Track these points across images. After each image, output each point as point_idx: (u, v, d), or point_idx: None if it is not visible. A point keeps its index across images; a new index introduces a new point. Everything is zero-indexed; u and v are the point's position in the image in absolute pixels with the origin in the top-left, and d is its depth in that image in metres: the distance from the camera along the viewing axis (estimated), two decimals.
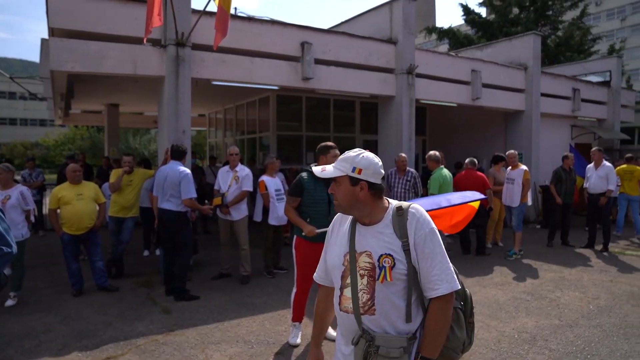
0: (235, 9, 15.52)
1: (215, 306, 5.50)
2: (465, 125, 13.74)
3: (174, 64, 6.95)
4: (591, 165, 8.97)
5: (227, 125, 15.02)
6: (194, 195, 5.77)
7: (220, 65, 7.47)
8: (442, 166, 7.60)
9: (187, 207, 5.81)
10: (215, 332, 4.71)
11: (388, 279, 1.80)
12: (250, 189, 6.58)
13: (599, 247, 8.69)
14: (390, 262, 1.82)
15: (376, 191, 1.91)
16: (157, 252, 7.52)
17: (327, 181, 4.51)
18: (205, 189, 10.39)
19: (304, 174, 4.32)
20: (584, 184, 9.14)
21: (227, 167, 6.74)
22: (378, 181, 1.91)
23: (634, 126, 18.61)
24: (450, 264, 1.88)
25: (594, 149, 9.03)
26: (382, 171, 1.94)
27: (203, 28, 6.97)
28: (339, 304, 1.92)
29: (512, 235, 8.42)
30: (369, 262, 1.86)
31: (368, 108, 12.20)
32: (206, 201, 10.62)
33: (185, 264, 5.87)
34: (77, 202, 5.74)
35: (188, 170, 5.82)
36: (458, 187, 7.57)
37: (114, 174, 6.89)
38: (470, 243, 8.44)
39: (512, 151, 8.58)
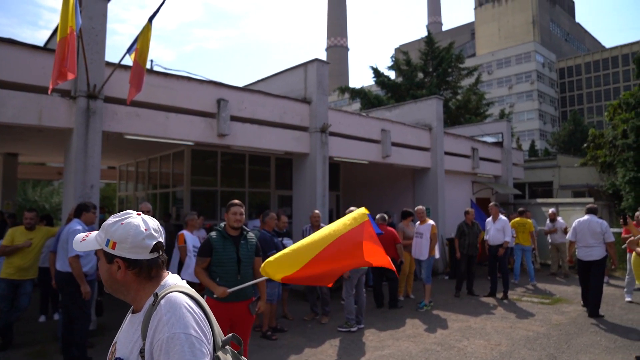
0: (152, 61, 15.42)
1: None
2: (376, 181, 14.42)
3: (84, 117, 6.70)
4: (490, 219, 9.77)
5: (139, 179, 14.48)
6: (80, 252, 5.30)
7: (134, 119, 7.31)
8: None
9: (70, 265, 5.25)
10: None
11: None
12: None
13: (500, 294, 9.33)
14: None
15: (142, 269, 1.48)
16: (56, 316, 6.87)
17: (236, 239, 4.50)
18: None
19: (213, 233, 4.28)
20: (485, 236, 9.90)
21: None
22: (142, 256, 1.49)
23: (524, 182, 20.72)
24: None
25: (491, 204, 9.88)
26: (150, 242, 1.50)
27: (117, 80, 6.85)
28: None
29: (422, 287, 8.79)
30: None
31: (283, 164, 12.41)
32: None
33: (83, 328, 5.40)
34: None
35: (77, 227, 5.42)
36: None
37: (10, 235, 6.22)
38: (383, 296, 8.67)
39: (420, 207, 9.11)
